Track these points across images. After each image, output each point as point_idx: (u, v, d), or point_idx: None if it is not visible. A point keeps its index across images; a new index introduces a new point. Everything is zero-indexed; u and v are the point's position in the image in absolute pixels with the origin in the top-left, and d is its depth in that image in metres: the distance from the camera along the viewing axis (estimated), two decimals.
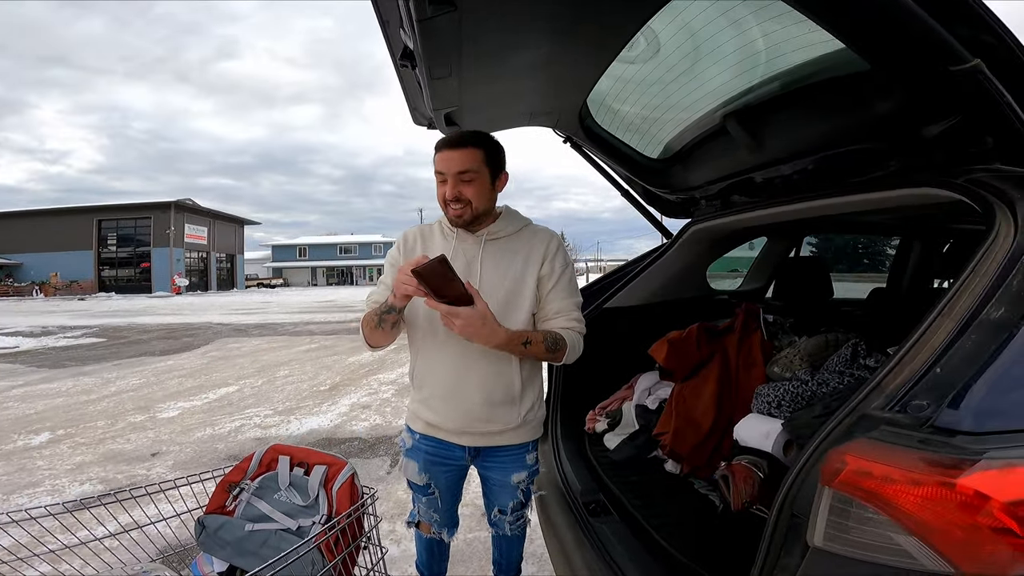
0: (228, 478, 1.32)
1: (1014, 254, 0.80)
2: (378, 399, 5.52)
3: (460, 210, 1.46)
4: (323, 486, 1.26)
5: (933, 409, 0.67)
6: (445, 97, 1.59)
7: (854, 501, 0.68)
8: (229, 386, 6.29)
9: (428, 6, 1.04)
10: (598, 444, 2.12)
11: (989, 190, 0.95)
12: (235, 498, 1.28)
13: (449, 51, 1.28)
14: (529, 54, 1.43)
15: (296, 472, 1.30)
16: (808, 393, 1.51)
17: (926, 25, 0.76)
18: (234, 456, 3.86)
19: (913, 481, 0.61)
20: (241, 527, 1.22)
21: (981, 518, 0.58)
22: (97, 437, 4.39)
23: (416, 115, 1.95)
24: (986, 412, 0.64)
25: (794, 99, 1.42)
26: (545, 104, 1.87)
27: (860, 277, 6.86)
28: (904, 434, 0.66)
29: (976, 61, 0.77)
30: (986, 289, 0.77)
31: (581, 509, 1.71)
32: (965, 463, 0.60)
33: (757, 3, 1.16)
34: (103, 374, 7.19)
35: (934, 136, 1.10)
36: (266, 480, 1.29)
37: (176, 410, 5.22)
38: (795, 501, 0.80)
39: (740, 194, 1.87)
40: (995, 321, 0.73)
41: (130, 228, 38.60)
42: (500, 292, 1.48)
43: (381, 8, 1.25)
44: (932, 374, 0.72)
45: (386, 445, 4.09)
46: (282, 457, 1.32)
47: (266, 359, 8.21)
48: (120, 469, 3.66)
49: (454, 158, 1.44)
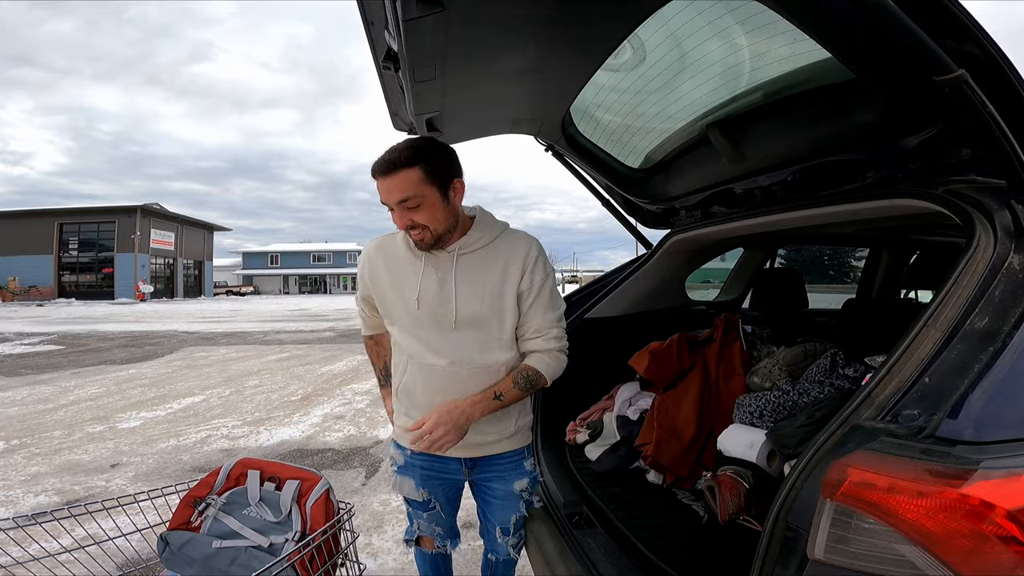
0: (193, 493, 1.25)
1: (994, 264, 0.82)
2: (352, 409, 5.41)
3: (420, 234, 1.35)
4: (296, 501, 1.21)
5: (925, 419, 0.67)
6: (427, 101, 1.56)
7: (856, 513, 0.67)
8: (195, 396, 6.09)
9: (416, 5, 1.02)
10: (580, 456, 2.10)
11: (968, 201, 0.97)
12: (200, 513, 1.22)
13: (434, 53, 1.26)
14: (515, 58, 1.42)
15: (267, 487, 1.25)
16: (790, 403, 1.52)
17: (913, 35, 0.77)
18: (200, 468, 3.75)
19: (917, 492, 0.61)
20: (208, 544, 1.16)
21: (986, 526, 0.58)
22: (53, 447, 4.22)
23: (397, 120, 1.92)
24: (985, 422, 0.64)
25: (776, 109, 1.44)
26: (528, 111, 1.86)
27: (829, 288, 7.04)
28: (906, 445, 0.66)
29: (961, 71, 0.78)
30: (969, 300, 0.78)
31: (564, 521, 1.68)
32: (968, 473, 0.60)
33: (745, 13, 1.17)
34: (61, 383, 6.93)
35: (913, 147, 1.12)
36: (234, 495, 1.24)
37: (138, 420, 5.03)
38: (790, 513, 0.79)
39: (720, 205, 1.89)
40: (979, 331, 0.74)
41: (93, 232, 37.32)
42: (479, 311, 1.40)
43: (366, 8, 1.23)
44: (921, 384, 0.72)
45: (361, 456, 4.01)
46: (251, 471, 1.27)
47: (235, 368, 8.00)
48: (78, 480, 3.52)
49: (391, 187, 1.31)
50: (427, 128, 1.78)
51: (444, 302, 1.39)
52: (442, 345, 1.40)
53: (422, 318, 1.41)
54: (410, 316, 1.42)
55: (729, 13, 1.23)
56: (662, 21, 1.29)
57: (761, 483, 1.42)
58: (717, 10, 1.24)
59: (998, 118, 0.80)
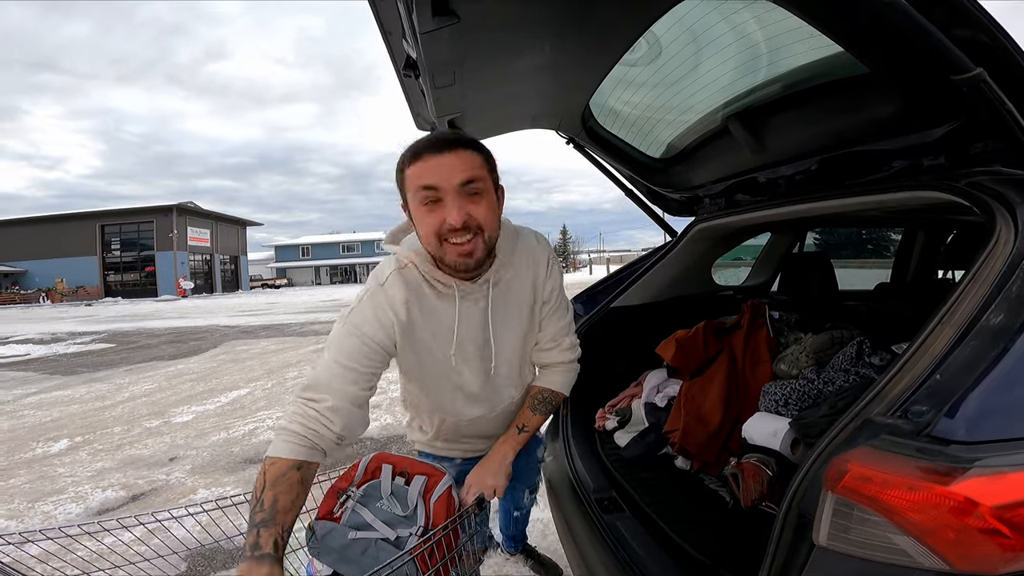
0: (337, 485, 1.33)
1: (1014, 259, 0.82)
2: (387, 398, 5.53)
3: (470, 244, 1.04)
4: (422, 496, 1.26)
5: (932, 415, 0.70)
6: (449, 104, 1.60)
7: (855, 505, 0.72)
8: (240, 389, 6.33)
9: (432, 19, 1.05)
10: (609, 442, 2.14)
11: (989, 193, 0.96)
12: (342, 505, 1.30)
13: (452, 60, 1.30)
14: (532, 59, 1.44)
15: (397, 481, 1.30)
16: (814, 391, 1.53)
17: (927, 33, 0.77)
18: (250, 460, 3.93)
19: (909, 487, 0.66)
20: (345, 534, 1.24)
21: (972, 520, 0.62)
22: (115, 443, 4.44)
23: (419, 120, 1.97)
24: (979, 422, 0.68)
25: (796, 101, 1.43)
26: (547, 107, 1.88)
27: (865, 263, 6.84)
28: (903, 443, 0.69)
29: (979, 70, 0.77)
30: (986, 295, 0.78)
31: (594, 505, 1.73)
32: (957, 471, 0.64)
33: (759, 8, 1.17)
34: (115, 380, 7.25)
35: (935, 140, 1.11)
36: (370, 488, 1.29)
37: (190, 415, 5.27)
38: (802, 501, 0.83)
39: (744, 193, 1.88)
40: (994, 327, 0.75)
41: (133, 232, 38.75)
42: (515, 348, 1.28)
43: (383, 19, 1.26)
44: (932, 381, 0.75)
45: (398, 444, 4.12)
46: (385, 466, 1.33)
47: (275, 361, 8.25)
48: (141, 474, 3.71)
49: (453, 164, 1.03)
50: (449, 128, 1.83)
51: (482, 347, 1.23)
52: (480, 391, 1.30)
53: (457, 370, 1.25)
54: (440, 370, 1.26)
55: (744, 8, 1.22)
56: (676, 17, 1.30)
57: (784, 471, 1.44)
58: (731, 6, 1.24)
59: (1017, 116, 0.80)
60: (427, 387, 1.30)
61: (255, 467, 3.77)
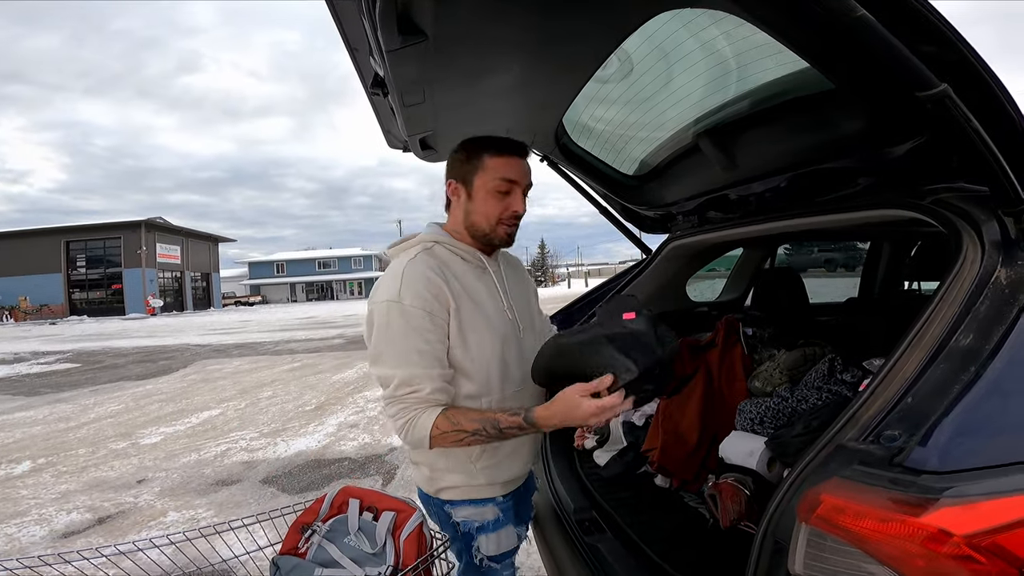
0: (301, 519, 1.28)
1: (981, 278, 0.82)
2: (365, 417, 5.45)
3: (515, 227, 1.28)
4: (391, 533, 1.22)
5: (904, 440, 0.69)
6: (419, 122, 1.58)
7: (828, 536, 0.71)
8: (211, 409, 6.17)
9: (398, 37, 1.02)
10: (588, 461, 2.12)
11: (954, 211, 0.97)
12: (307, 540, 1.24)
13: (421, 79, 1.28)
14: (503, 77, 1.43)
15: (365, 516, 1.25)
16: (789, 409, 1.53)
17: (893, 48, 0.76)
18: (223, 481, 3.83)
19: (882, 518, 0.65)
20: (311, 571, 1.18)
21: (945, 549, 0.62)
22: (80, 465, 4.31)
23: (390, 138, 1.94)
24: (949, 452, 0.67)
25: (764, 118, 1.44)
26: (521, 124, 1.87)
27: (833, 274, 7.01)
28: (875, 473, 0.69)
29: (944, 86, 0.77)
30: (955, 315, 0.78)
31: (575, 527, 1.70)
32: (930, 502, 0.64)
33: (728, 24, 1.17)
34: (80, 400, 7.04)
35: (900, 155, 1.12)
36: (337, 523, 1.25)
37: (158, 436, 5.12)
38: (777, 528, 0.82)
39: (716, 211, 1.90)
40: (963, 349, 0.75)
41: (99, 249, 37.67)
42: (527, 312, 1.38)
43: (349, 36, 1.24)
44: (903, 404, 0.75)
45: (376, 464, 4.05)
46: (352, 500, 1.28)
47: (248, 380, 8.07)
48: (107, 497, 3.60)
49: (525, 168, 1.26)
50: (421, 147, 1.80)
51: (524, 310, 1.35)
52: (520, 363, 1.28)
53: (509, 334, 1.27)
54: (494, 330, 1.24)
55: (713, 24, 1.23)
56: (647, 34, 1.30)
57: (762, 489, 1.43)
58: (700, 22, 1.24)
59: (982, 133, 0.79)
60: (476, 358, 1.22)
61: (228, 489, 3.68)
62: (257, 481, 3.84)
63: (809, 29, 0.91)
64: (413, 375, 1.13)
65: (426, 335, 1.14)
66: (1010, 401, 0.71)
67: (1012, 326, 0.75)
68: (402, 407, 1.14)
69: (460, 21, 1.07)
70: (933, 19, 0.76)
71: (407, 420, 1.14)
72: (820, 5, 0.69)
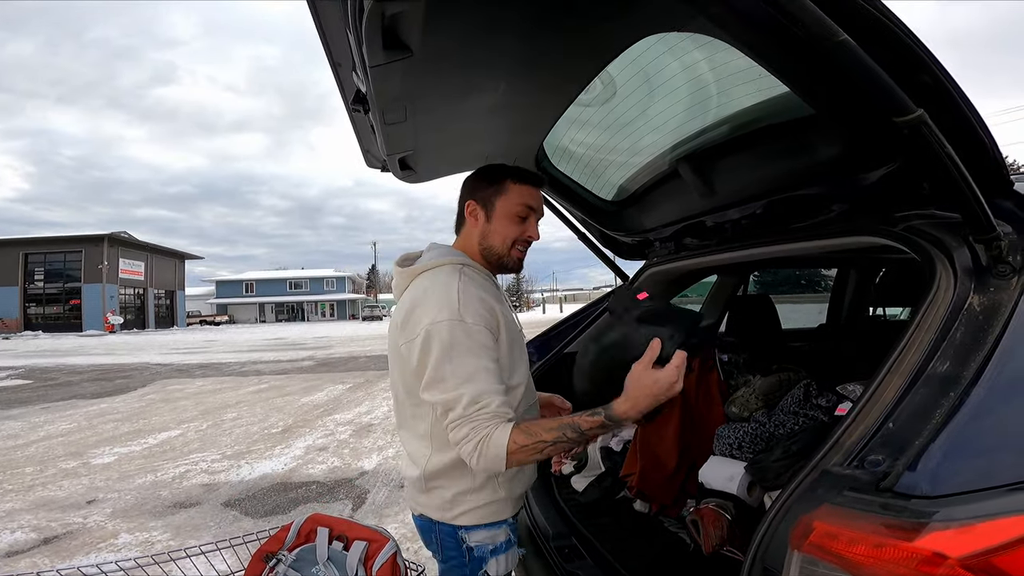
0: (265, 547, 1.22)
1: (955, 305, 0.84)
2: (335, 440, 5.31)
3: (526, 253, 1.35)
4: (363, 564, 1.17)
5: (888, 464, 0.70)
6: (399, 142, 1.56)
7: (821, 562, 0.70)
8: (171, 430, 5.93)
9: (383, 52, 1.01)
10: (566, 487, 2.09)
11: (927, 239, 0.99)
12: (272, 569, 1.17)
13: (404, 96, 1.26)
14: (487, 97, 1.43)
15: (335, 546, 1.20)
16: (766, 434, 1.54)
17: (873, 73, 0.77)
18: (180, 504, 3.68)
19: (876, 544, 0.65)
20: None
21: (941, 571, 0.63)
22: (26, 484, 4.12)
23: (369, 157, 1.92)
24: (939, 475, 0.68)
25: (743, 144, 1.47)
26: (501, 147, 1.87)
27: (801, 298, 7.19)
28: (866, 499, 0.69)
29: (920, 112, 0.78)
30: (931, 343, 0.80)
31: (555, 554, 1.66)
32: (922, 526, 0.64)
33: (712, 49, 1.19)
34: (30, 418, 6.74)
35: (874, 181, 1.15)
36: (304, 552, 1.19)
37: (112, 456, 4.90)
38: (766, 554, 0.80)
39: (692, 237, 1.92)
40: (941, 375, 0.76)
41: (59, 262, 36.31)
42: None
43: (333, 50, 1.22)
44: (885, 429, 0.75)
45: (346, 488, 3.93)
46: (321, 529, 1.22)
47: (211, 401, 7.80)
48: (54, 517, 3.44)
49: (541, 197, 1.35)
50: (400, 167, 1.78)
51: None
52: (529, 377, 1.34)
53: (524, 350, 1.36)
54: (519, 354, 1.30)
55: (696, 49, 1.25)
56: (631, 57, 1.31)
57: (743, 514, 1.43)
58: (684, 46, 1.26)
59: (955, 158, 0.81)
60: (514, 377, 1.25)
61: (186, 511, 3.54)
62: (218, 504, 3.68)
63: (792, 54, 0.93)
64: (482, 392, 1.10)
65: (490, 352, 1.15)
66: (991, 426, 0.72)
67: (988, 352, 0.76)
68: (473, 426, 1.09)
69: (447, 39, 1.06)
70: (911, 44, 0.78)
71: (481, 439, 1.08)
72: (803, 29, 0.70)
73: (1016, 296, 0.84)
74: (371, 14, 0.89)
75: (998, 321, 0.81)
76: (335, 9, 1.02)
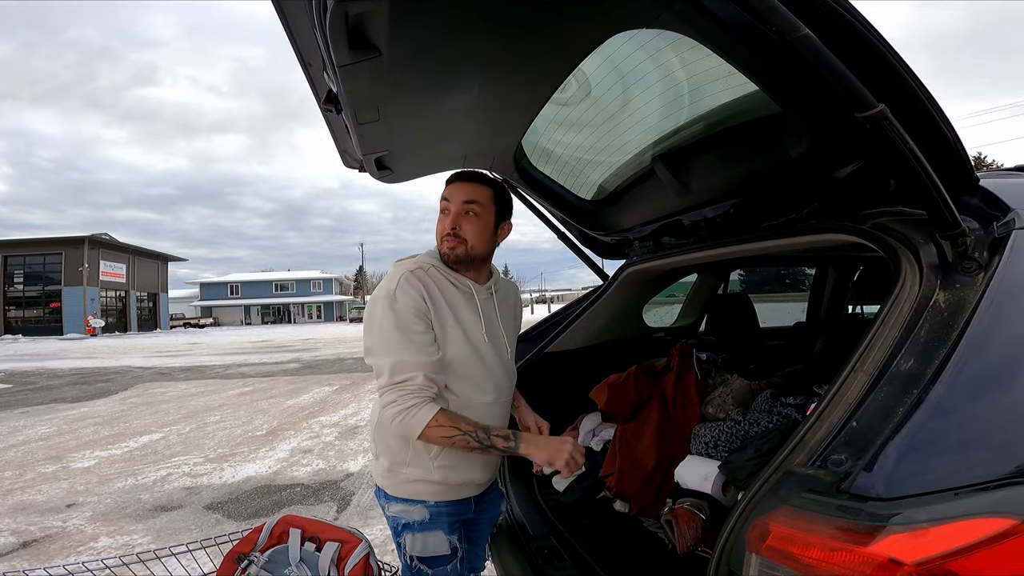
0: (237, 548, 1.21)
1: (920, 302, 0.84)
2: (320, 443, 5.26)
3: (452, 244, 1.37)
4: (335, 564, 1.16)
5: (851, 464, 0.69)
6: (374, 141, 1.55)
7: (779, 566, 0.70)
8: (152, 433, 5.84)
9: (348, 51, 1.00)
10: (547, 486, 2.09)
11: (893, 235, 1.00)
12: (244, 571, 1.16)
13: (375, 96, 1.25)
14: (461, 97, 1.42)
15: (307, 547, 1.20)
16: (741, 433, 1.55)
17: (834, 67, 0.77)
18: (162, 507, 3.63)
19: (831, 548, 0.64)
20: None
21: None
22: (4, 488, 4.05)
23: (346, 157, 1.90)
24: (896, 477, 0.67)
25: (715, 142, 1.47)
26: (479, 147, 1.87)
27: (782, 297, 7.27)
28: (822, 501, 0.68)
29: (881, 107, 0.78)
30: (896, 340, 0.80)
31: (535, 555, 1.66)
32: (877, 530, 0.63)
33: (683, 46, 1.19)
34: (9, 423, 6.61)
35: (842, 179, 1.15)
36: (276, 554, 1.20)
37: (92, 460, 4.82)
38: (730, 557, 0.80)
39: (670, 236, 1.92)
40: (905, 372, 0.76)
41: (39, 265, 35.58)
42: (513, 344, 1.53)
43: (302, 50, 1.21)
44: (849, 428, 0.75)
45: (331, 490, 3.90)
46: (293, 530, 1.22)
47: (194, 404, 7.69)
48: (32, 521, 3.39)
49: (465, 189, 1.40)
50: (377, 167, 1.77)
51: (498, 336, 1.46)
52: (488, 381, 1.41)
53: (483, 354, 1.40)
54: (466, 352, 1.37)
55: (668, 47, 1.25)
56: (604, 55, 1.31)
57: (718, 514, 1.43)
58: (656, 44, 1.26)
59: (918, 154, 0.81)
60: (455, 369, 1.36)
61: (168, 515, 3.49)
62: (200, 507, 3.63)
63: (756, 50, 0.93)
64: (404, 364, 1.25)
65: (414, 327, 1.28)
66: (952, 425, 0.71)
67: (952, 349, 0.76)
68: (401, 394, 1.24)
69: (415, 39, 1.05)
70: (871, 38, 0.78)
71: (406, 408, 1.23)
72: (766, 24, 0.70)
73: (981, 292, 0.84)
74: (335, 13, 0.88)
75: (962, 317, 0.81)
76: (300, 8, 1.01)
